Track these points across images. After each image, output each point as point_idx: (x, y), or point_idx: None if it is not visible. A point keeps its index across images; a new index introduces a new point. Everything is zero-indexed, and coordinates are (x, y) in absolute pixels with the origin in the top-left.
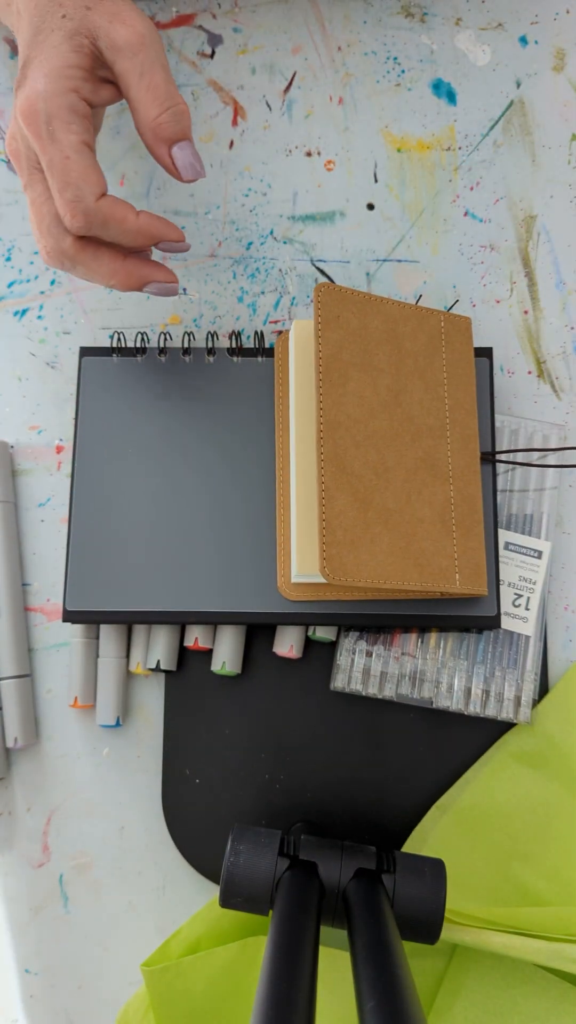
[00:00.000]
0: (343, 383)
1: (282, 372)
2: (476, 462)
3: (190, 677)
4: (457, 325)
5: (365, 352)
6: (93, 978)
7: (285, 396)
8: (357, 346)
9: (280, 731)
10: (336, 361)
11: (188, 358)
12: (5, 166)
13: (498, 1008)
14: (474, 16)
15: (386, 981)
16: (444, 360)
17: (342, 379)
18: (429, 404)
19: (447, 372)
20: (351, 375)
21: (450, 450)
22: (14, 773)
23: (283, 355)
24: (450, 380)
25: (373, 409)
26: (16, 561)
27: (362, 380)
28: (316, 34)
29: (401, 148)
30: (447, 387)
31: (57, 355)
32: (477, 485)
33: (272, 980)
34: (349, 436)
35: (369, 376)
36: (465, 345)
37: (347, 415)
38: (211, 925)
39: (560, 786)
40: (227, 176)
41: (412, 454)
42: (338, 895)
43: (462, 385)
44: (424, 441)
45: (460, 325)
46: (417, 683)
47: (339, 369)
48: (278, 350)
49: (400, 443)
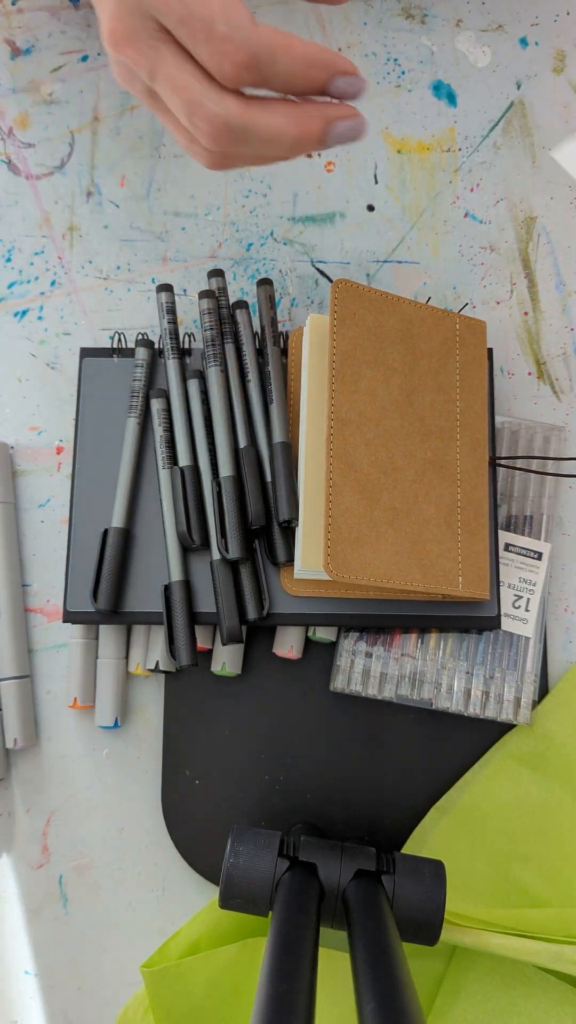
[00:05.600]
0: (356, 380)
1: (294, 367)
2: (484, 466)
3: (190, 678)
4: (472, 328)
5: (379, 350)
6: (92, 979)
7: (297, 391)
8: (372, 344)
9: (280, 732)
10: (350, 358)
11: (188, 359)
12: (5, 167)
13: (498, 1009)
14: (474, 17)
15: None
16: (458, 362)
17: (355, 376)
18: (441, 405)
19: (460, 374)
20: (364, 373)
21: (459, 453)
22: (14, 774)
23: (296, 350)
24: (463, 383)
25: (385, 408)
26: (16, 562)
27: (375, 378)
28: (316, 35)
29: (401, 149)
30: (459, 389)
31: (57, 356)
32: (484, 489)
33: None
34: (359, 434)
35: (382, 375)
36: (479, 349)
37: (358, 412)
38: (211, 926)
39: (560, 787)
40: (227, 177)
41: (421, 455)
42: (338, 896)
43: (474, 388)
44: (434, 442)
45: (475, 328)
46: (417, 684)
47: (352, 366)
48: (291, 345)
49: (410, 443)
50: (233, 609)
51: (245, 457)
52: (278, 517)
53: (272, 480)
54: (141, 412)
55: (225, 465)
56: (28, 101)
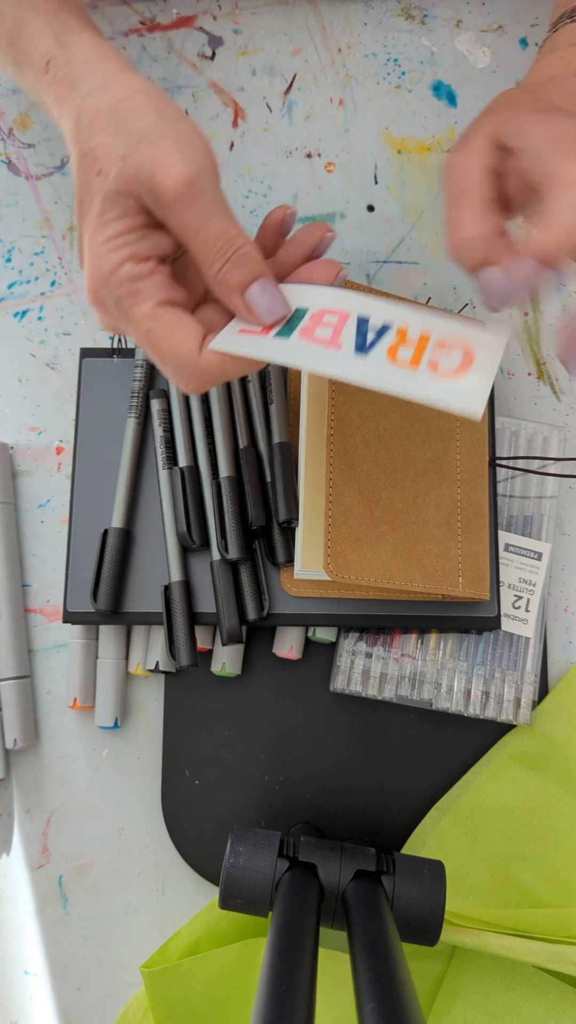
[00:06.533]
0: None
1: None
2: (484, 466)
3: (190, 678)
4: None
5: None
6: (92, 979)
7: (296, 391)
8: None
9: (280, 732)
10: None
11: None
12: (5, 167)
13: (497, 1010)
14: (474, 18)
15: (385, 982)
16: None
17: None
18: None
19: None
20: None
21: (459, 453)
22: (13, 774)
23: None
24: None
25: (384, 408)
26: (16, 562)
27: None
28: (316, 36)
29: (401, 150)
30: None
31: (57, 356)
32: (484, 490)
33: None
34: (359, 434)
35: None
36: None
37: (358, 413)
38: (210, 926)
39: (560, 788)
40: (227, 178)
41: (421, 455)
42: (338, 896)
43: None
44: (434, 442)
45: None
46: (417, 684)
47: None
48: None
49: (410, 443)
50: (233, 609)
51: (245, 457)
52: (278, 517)
53: (272, 480)
54: (141, 412)
55: (225, 465)
56: (28, 101)
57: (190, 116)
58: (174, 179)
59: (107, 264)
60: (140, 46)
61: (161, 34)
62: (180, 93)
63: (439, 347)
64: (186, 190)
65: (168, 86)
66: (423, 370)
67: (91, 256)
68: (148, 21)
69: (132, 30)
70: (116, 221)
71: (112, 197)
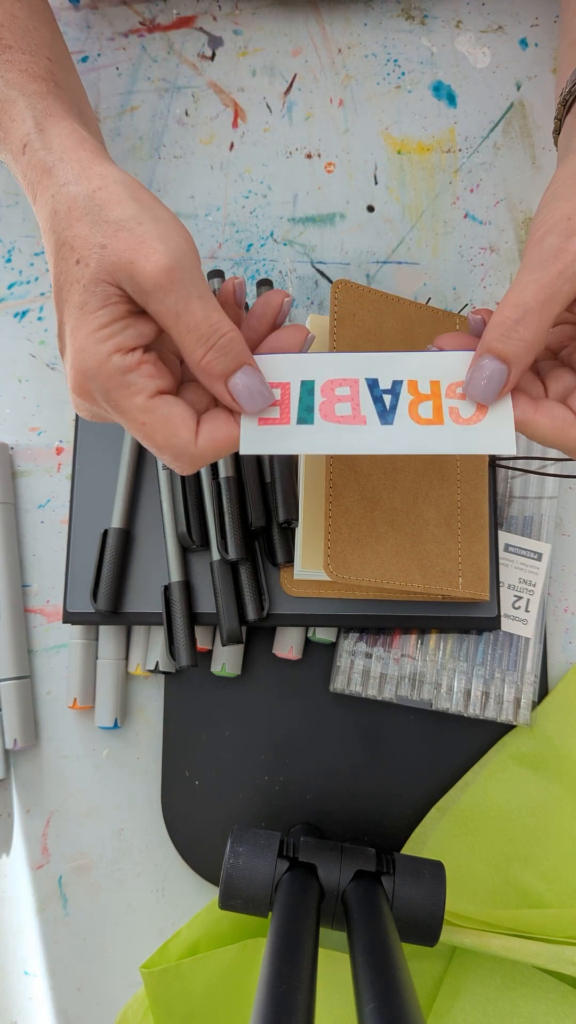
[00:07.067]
0: None
1: None
2: (484, 467)
3: (190, 678)
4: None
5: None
6: (92, 980)
7: None
8: (371, 345)
9: (280, 733)
10: None
11: None
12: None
13: (497, 1010)
14: (474, 19)
15: (385, 983)
16: None
17: None
18: None
19: None
20: None
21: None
22: (13, 774)
23: None
24: None
25: None
26: (16, 562)
27: None
28: (316, 36)
29: (401, 150)
30: None
31: (57, 357)
32: (484, 490)
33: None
34: None
35: None
36: None
37: None
38: (210, 927)
39: (560, 788)
40: (227, 178)
41: (421, 455)
42: (337, 897)
43: None
44: None
45: None
46: (417, 685)
47: None
48: None
49: None
50: (233, 610)
51: (244, 457)
52: (277, 518)
53: (272, 480)
54: None
55: (225, 465)
56: None
57: (190, 116)
58: (154, 266)
59: (94, 357)
60: (140, 46)
61: (161, 34)
62: (180, 93)
63: (452, 394)
64: (167, 276)
65: (168, 86)
66: (448, 423)
67: (75, 349)
68: (148, 21)
69: (132, 30)
70: (100, 311)
71: (93, 286)
